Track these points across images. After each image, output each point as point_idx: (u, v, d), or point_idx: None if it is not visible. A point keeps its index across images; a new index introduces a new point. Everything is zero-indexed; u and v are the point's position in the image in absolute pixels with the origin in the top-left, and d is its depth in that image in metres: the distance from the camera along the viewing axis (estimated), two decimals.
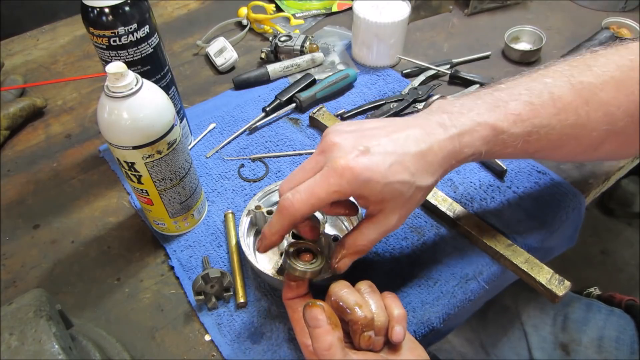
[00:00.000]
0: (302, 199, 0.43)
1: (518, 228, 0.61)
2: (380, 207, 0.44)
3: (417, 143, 0.43)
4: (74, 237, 0.65)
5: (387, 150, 0.43)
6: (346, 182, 0.42)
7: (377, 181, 0.42)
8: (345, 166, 0.41)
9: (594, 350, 0.74)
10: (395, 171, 0.42)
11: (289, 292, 0.48)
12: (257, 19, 0.94)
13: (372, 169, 0.42)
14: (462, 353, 0.90)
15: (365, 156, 0.42)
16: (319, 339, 0.40)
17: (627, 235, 1.66)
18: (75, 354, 0.44)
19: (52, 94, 0.86)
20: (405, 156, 0.43)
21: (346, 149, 0.43)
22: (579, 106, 0.46)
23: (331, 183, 0.42)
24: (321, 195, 0.42)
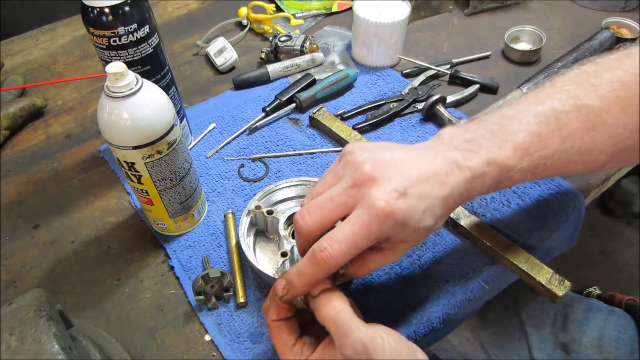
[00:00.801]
0: (343, 251, 0.40)
1: (518, 228, 0.61)
2: (395, 245, 0.44)
3: (442, 187, 0.43)
4: (74, 237, 0.65)
5: (420, 193, 0.41)
6: (387, 227, 0.40)
7: (410, 226, 0.41)
8: (388, 211, 0.39)
9: (594, 350, 0.74)
10: (426, 217, 0.42)
11: (276, 313, 0.45)
12: (257, 19, 0.94)
13: (409, 214, 0.40)
14: (462, 353, 0.90)
15: (405, 200, 0.40)
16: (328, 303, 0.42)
17: (627, 235, 1.66)
18: (75, 354, 0.44)
19: (52, 94, 0.86)
20: (435, 201, 0.42)
21: (385, 188, 0.40)
22: (585, 132, 0.46)
23: (373, 231, 0.40)
24: (362, 244, 0.41)
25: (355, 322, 0.40)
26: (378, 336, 0.40)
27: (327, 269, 0.41)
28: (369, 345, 0.39)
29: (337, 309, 0.41)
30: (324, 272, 0.41)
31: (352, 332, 0.40)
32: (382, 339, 0.40)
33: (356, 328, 0.40)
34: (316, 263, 0.41)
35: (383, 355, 0.39)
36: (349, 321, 0.40)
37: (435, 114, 0.75)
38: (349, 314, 0.41)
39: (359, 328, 0.40)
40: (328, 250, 0.40)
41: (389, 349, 0.40)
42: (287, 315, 0.46)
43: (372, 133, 0.75)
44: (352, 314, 0.41)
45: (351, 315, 0.41)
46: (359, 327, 0.40)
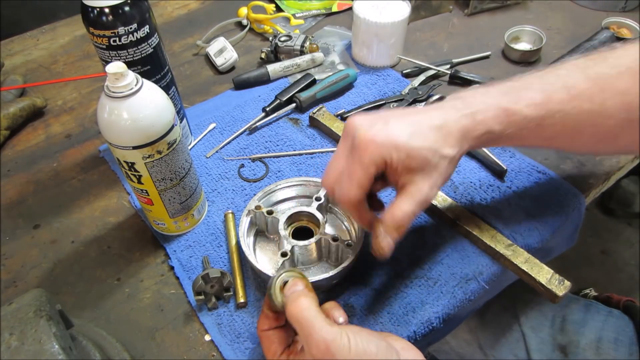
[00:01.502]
0: (347, 187, 0.47)
1: (518, 228, 0.61)
2: (409, 178, 0.46)
3: (432, 119, 0.46)
4: (74, 237, 0.65)
5: (404, 122, 0.46)
6: (374, 152, 0.45)
7: (400, 148, 0.45)
8: (369, 139, 0.45)
9: (593, 351, 0.74)
10: (416, 139, 0.45)
11: (266, 322, 0.46)
12: (257, 19, 0.94)
13: (393, 137, 0.45)
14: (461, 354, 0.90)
15: (386, 127, 0.45)
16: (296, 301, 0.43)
17: (627, 235, 1.66)
18: (75, 354, 0.44)
19: (52, 94, 0.86)
20: (422, 128, 0.46)
21: (366, 126, 0.46)
22: (595, 94, 0.47)
23: (363, 159, 0.45)
24: (359, 174, 0.46)
25: (320, 321, 0.40)
26: (343, 335, 0.40)
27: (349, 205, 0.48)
28: (331, 345, 0.39)
29: (302, 307, 0.41)
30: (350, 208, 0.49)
31: (314, 331, 0.40)
32: (348, 338, 0.40)
33: (319, 327, 0.40)
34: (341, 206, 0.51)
35: (347, 354, 0.39)
36: (313, 320, 0.40)
37: None
38: (313, 312, 0.41)
39: (322, 327, 0.40)
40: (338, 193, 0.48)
41: (354, 348, 0.39)
42: (276, 325, 0.46)
43: None
44: (316, 313, 0.41)
45: (315, 314, 0.41)
46: (322, 325, 0.40)
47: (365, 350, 0.40)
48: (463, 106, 0.47)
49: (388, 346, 0.41)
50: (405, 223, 0.47)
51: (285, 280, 0.46)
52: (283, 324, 0.46)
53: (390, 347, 0.41)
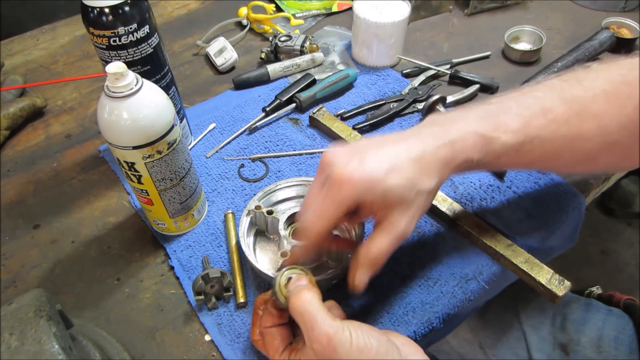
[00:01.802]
0: (315, 219, 0.46)
1: (518, 228, 0.61)
2: (385, 214, 0.45)
3: (409, 151, 0.45)
4: (74, 237, 0.65)
5: (381, 157, 0.45)
6: (347, 192, 0.44)
7: (375, 187, 0.43)
8: (344, 177, 0.43)
9: (593, 350, 0.74)
10: (392, 176, 0.44)
11: (269, 320, 0.46)
12: (257, 19, 0.94)
13: (369, 175, 0.43)
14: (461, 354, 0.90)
15: (361, 165, 0.44)
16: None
17: (627, 235, 1.66)
18: (75, 354, 0.44)
19: (52, 94, 0.86)
20: (400, 162, 0.44)
21: (342, 163, 0.44)
22: (571, 117, 0.47)
23: (335, 197, 0.44)
24: (330, 210, 0.45)
25: (322, 315, 0.40)
26: (345, 329, 0.40)
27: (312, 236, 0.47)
28: (333, 338, 0.39)
29: (305, 301, 0.42)
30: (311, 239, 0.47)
31: (317, 324, 0.40)
32: (349, 332, 0.40)
33: (322, 320, 0.40)
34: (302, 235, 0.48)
35: (349, 348, 0.39)
36: (316, 313, 0.41)
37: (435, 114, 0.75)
38: (316, 306, 0.41)
39: (324, 320, 0.40)
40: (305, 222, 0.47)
41: (355, 342, 0.39)
42: (279, 322, 0.46)
43: (372, 133, 0.75)
44: (319, 306, 0.41)
45: (318, 308, 0.41)
46: (324, 319, 0.40)
47: (366, 344, 0.40)
48: (441, 134, 0.46)
49: (388, 341, 0.42)
50: (380, 259, 0.46)
51: (289, 276, 0.46)
52: (286, 321, 0.46)
53: (390, 342, 0.42)
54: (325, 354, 0.39)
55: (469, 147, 0.46)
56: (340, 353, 0.39)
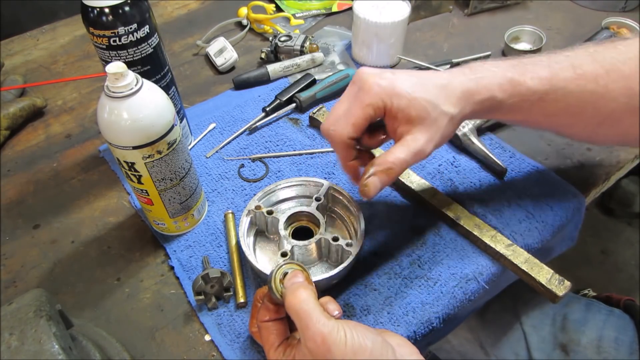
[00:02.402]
0: (342, 125, 0.49)
1: (518, 228, 0.61)
2: (408, 128, 0.48)
3: (437, 78, 0.49)
4: (74, 237, 0.65)
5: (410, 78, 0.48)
6: (376, 95, 0.47)
7: (402, 95, 0.47)
8: (373, 82, 0.47)
9: (593, 350, 0.74)
10: (418, 90, 0.47)
11: (266, 314, 0.46)
12: (257, 19, 0.94)
13: (397, 84, 0.47)
14: (462, 353, 0.90)
15: (391, 75, 0.48)
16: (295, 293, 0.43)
17: (627, 235, 1.66)
18: (75, 354, 0.44)
19: (52, 94, 0.86)
20: (427, 82, 0.48)
21: (374, 73, 0.48)
22: (599, 75, 0.48)
23: (363, 99, 0.47)
24: (357, 112, 0.48)
25: (317, 314, 0.40)
26: (340, 329, 0.40)
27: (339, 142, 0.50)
28: (327, 338, 0.39)
29: (301, 299, 0.42)
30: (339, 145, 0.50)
31: (312, 323, 0.40)
32: (344, 332, 0.40)
33: (316, 319, 0.40)
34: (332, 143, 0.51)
35: (343, 348, 0.39)
36: (311, 312, 0.41)
37: None
38: (311, 305, 0.41)
39: (319, 319, 0.40)
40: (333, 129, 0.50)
41: (350, 342, 0.39)
42: (276, 317, 0.46)
43: None
44: (314, 305, 0.41)
45: (314, 307, 0.41)
46: (319, 318, 0.40)
47: (360, 345, 0.40)
48: (470, 72, 0.49)
49: (384, 342, 0.42)
50: (396, 168, 0.48)
51: (285, 271, 0.46)
52: (282, 316, 0.46)
53: (385, 343, 0.42)
54: (319, 353, 0.39)
55: (494, 85, 0.48)
56: (334, 353, 0.39)
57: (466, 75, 0.49)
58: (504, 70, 0.49)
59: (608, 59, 0.48)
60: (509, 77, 0.48)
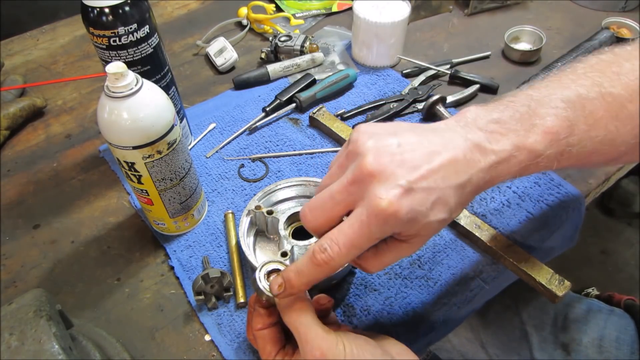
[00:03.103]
0: (342, 253, 0.38)
1: (518, 228, 0.61)
2: (408, 239, 0.41)
3: (458, 174, 0.39)
4: (74, 237, 0.65)
5: (430, 186, 0.38)
6: (389, 226, 0.38)
7: (417, 221, 0.38)
8: (390, 212, 0.36)
9: (595, 350, 0.74)
10: (436, 210, 0.39)
11: (259, 321, 0.45)
12: (257, 19, 0.94)
13: (415, 209, 0.37)
14: (463, 352, 0.90)
15: (409, 195, 0.37)
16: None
17: (627, 235, 1.66)
18: (75, 354, 0.44)
19: (52, 94, 0.86)
20: (447, 191, 0.39)
21: (387, 184, 0.37)
22: (609, 121, 0.44)
23: (373, 231, 0.38)
24: (363, 245, 0.39)
25: (316, 329, 0.40)
26: (339, 343, 0.40)
27: (327, 270, 0.39)
28: (326, 352, 0.39)
29: (299, 314, 0.41)
30: (324, 273, 0.40)
31: (311, 338, 0.40)
32: (343, 346, 0.40)
33: (315, 334, 0.40)
34: (316, 264, 0.39)
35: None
36: (310, 327, 0.40)
37: (435, 114, 0.75)
38: (309, 319, 0.41)
39: (318, 335, 0.40)
40: (328, 252, 0.38)
41: (349, 356, 0.39)
42: (271, 323, 0.45)
43: None
44: (312, 319, 0.41)
45: (312, 321, 0.41)
46: (318, 333, 0.40)
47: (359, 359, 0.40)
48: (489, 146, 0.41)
49: (383, 353, 0.42)
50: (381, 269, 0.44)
51: (268, 270, 0.45)
52: (277, 320, 0.45)
53: (385, 354, 0.42)
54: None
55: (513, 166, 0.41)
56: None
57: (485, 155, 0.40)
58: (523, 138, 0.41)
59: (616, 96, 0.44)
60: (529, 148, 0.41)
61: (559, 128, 0.42)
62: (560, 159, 0.43)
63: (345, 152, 0.41)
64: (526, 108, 0.43)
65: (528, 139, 0.41)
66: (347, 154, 0.41)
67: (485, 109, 0.43)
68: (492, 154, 0.40)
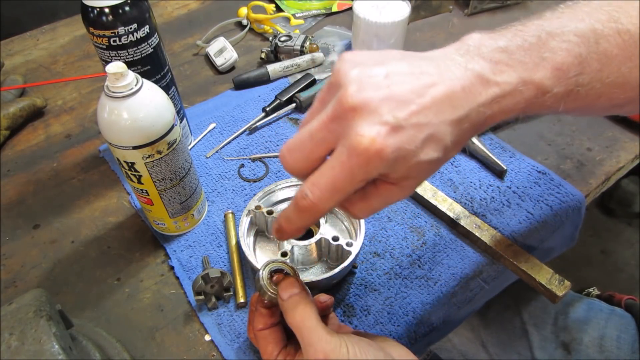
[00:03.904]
0: (325, 197, 0.35)
1: (518, 228, 0.61)
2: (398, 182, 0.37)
3: (454, 107, 0.35)
4: (74, 237, 0.65)
5: (420, 121, 0.34)
6: (373, 167, 0.33)
7: (405, 161, 0.34)
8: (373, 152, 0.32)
9: (595, 349, 0.74)
10: (427, 148, 0.35)
11: (261, 321, 0.45)
12: (257, 19, 0.94)
13: (403, 148, 0.33)
14: (463, 352, 0.90)
15: (396, 134, 0.33)
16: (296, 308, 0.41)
17: (627, 235, 1.66)
18: (75, 354, 0.44)
19: (52, 94, 0.86)
20: (441, 127, 0.35)
21: (371, 120, 0.33)
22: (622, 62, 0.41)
23: (356, 173, 0.34)
24: (346, 189, 0.35)
25: (320, 331, 0.40)
26: (342, 346, 0.40)
27: (312, 216, 0.37)
28: (330, 355, 0.39)
29: (303, 316, 0.41)
30: (311, 218, 0.37)
31: (315, 341, 0.40)
32: (347, 348, 0.40)
33: (319, 337, 0.40)
34: (300, 210, 0.36)
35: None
36: (314, 330, 0.40)
37: None
38: (313, 322, 0.41)
39: (321, 337, 0.40)
40: (309, 198, 0.35)
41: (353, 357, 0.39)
42: (272, 323, 0.45)
43: None
44: (316, 322, 0.41)
45: (316, 324, 0.41)
46: (322, 336, 0.40)
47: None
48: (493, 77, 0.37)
49: (386, 355, 0.42)
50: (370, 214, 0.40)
51: (272, 270, 0.45)
52: (278, 320, 0.46)
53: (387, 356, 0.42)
54: None
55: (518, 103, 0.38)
56: None
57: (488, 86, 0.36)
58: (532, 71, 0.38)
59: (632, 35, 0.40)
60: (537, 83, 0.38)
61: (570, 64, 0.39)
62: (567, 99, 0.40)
63: (327, 84, 0.37)
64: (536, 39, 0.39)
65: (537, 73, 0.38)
66: (329, 86, 0.37)
67: (490, 36, 0.39)
68: (496, 86, 0.36)
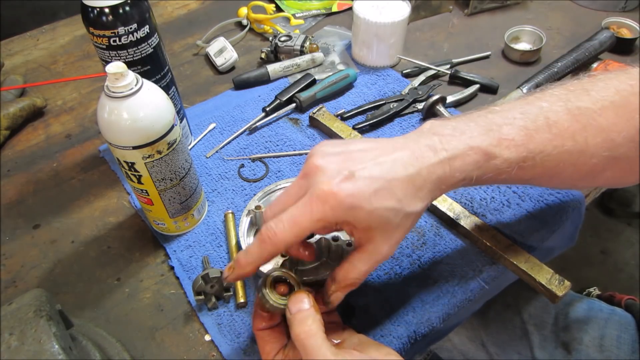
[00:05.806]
0: (285, 228, 0.41)
1: (518, 228, 0.61)
2: (368, 236, 0.42)
3: (405, 167, 0.41)
4: (74, 237, 0.65)
5: (372, 174, 0.40)
6: (330, 208, 0.40)
7: (361, 207, 0.40)
8: (329, 192, 0.39)
9: (596, 349, 0.74)
10: (381, 197, 0.40)
11: (261, 322, 0.46)
12: (257, 19, 0.94)
13: (356, 194, 0.39)
14: (463, 352, 0.90)
15: (350, 181, 0.40)
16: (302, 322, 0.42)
17: (627, 235, 1.66)
18: (75, 354, 0.44)
19: (52, 94, 0.86)
20: (392, 181, 0.41)
21: (330, 173, 0.40)
22: (577, 132, 0.44)
23: (314, 211, 0.40)
24: (304, 224, 0.40)
25: (324, 350, 0.40)
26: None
27: (271, 246, 0.41)
28: None
29: (308, 333, 0.41)
30: (269, 249, 0.42)
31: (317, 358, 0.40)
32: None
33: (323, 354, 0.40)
34: (262, 241, 0.42)
35: None
36: (319, 348, 0.41)
37: (435, 114, 0.75)
38: (319, 340, 0.41)
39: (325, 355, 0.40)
40: (272, 228, 0.41)
41: None
42: (270, 324, 0.46)
43: (372, 133, 0.75)
44: (322, 340, 0.41)
45: (322, 342, 0.41)
46: (326, 354, 0.40)
47: None
48: (441, 146, 0.42)
49: None
50: (358, 282, 0.44)
51: (275, 278, 0.46)
52: (277, 322, 0.46)
53: None
54: None
55: (469, 164, 0.43)
56: None
57: (436, 153, 0.42)
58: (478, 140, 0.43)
59: (583, 110, 0.44)
60: (484, 149, 0.42)
61: (515, 135, 0.44)
62: (522, 165, 0.44)
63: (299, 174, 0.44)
64: (484, 119, 0.45)
65: (483, 141, 0.43)
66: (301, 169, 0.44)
67: (442, 120, 0.45)
68: (444, 151, 0.42)
